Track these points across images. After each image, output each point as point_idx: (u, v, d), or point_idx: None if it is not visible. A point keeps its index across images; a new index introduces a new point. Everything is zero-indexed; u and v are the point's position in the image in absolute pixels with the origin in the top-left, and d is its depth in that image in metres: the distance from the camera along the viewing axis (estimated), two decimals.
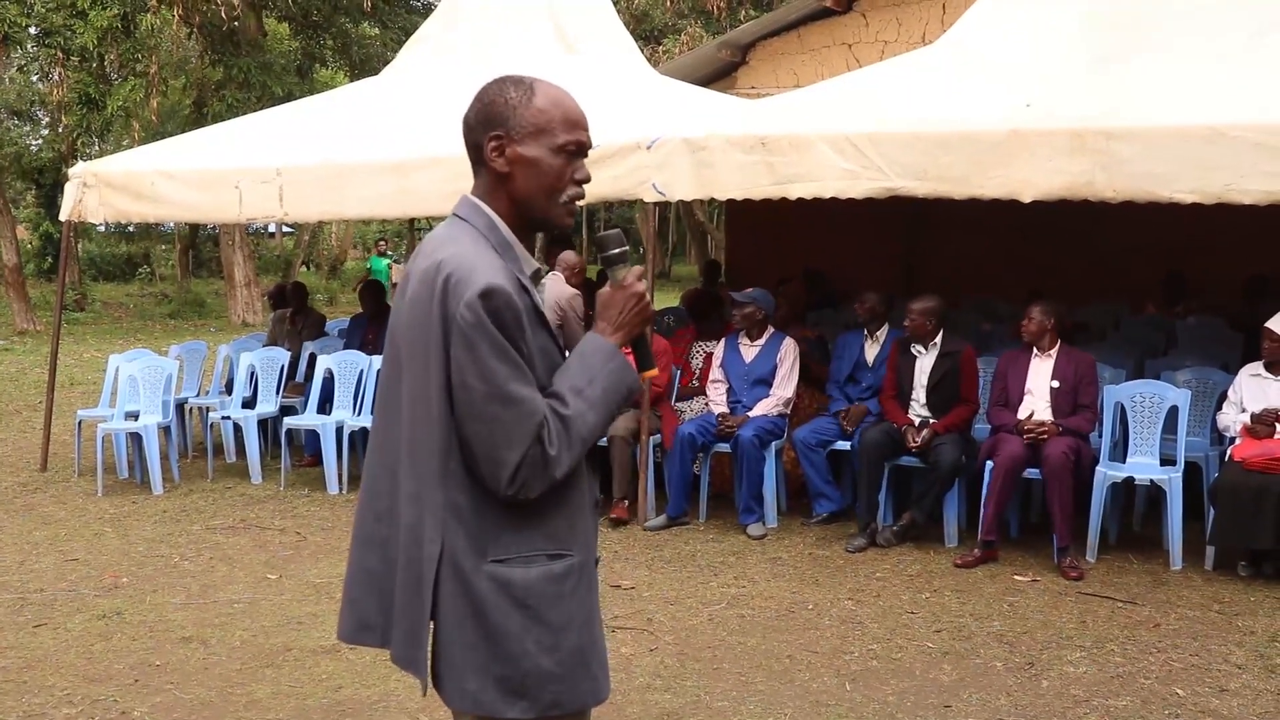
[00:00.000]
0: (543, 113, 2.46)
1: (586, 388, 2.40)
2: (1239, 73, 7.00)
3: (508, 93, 2.47)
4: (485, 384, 2.29)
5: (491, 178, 2.49)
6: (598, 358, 2.45)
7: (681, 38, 26.09)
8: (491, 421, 2.29)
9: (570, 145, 2.48)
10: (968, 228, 10.75)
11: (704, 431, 8.20)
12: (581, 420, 2.37)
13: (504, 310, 2.30)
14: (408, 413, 2.41)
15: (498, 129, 2.45)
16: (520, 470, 2.30)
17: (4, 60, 24.34)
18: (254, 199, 9.11)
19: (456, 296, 2.30)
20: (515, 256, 2.46)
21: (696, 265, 36.60)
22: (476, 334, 2.29)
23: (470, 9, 10.41)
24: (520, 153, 2.45)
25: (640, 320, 2.53)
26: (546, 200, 2.48)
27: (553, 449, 2.32)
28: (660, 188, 7.76)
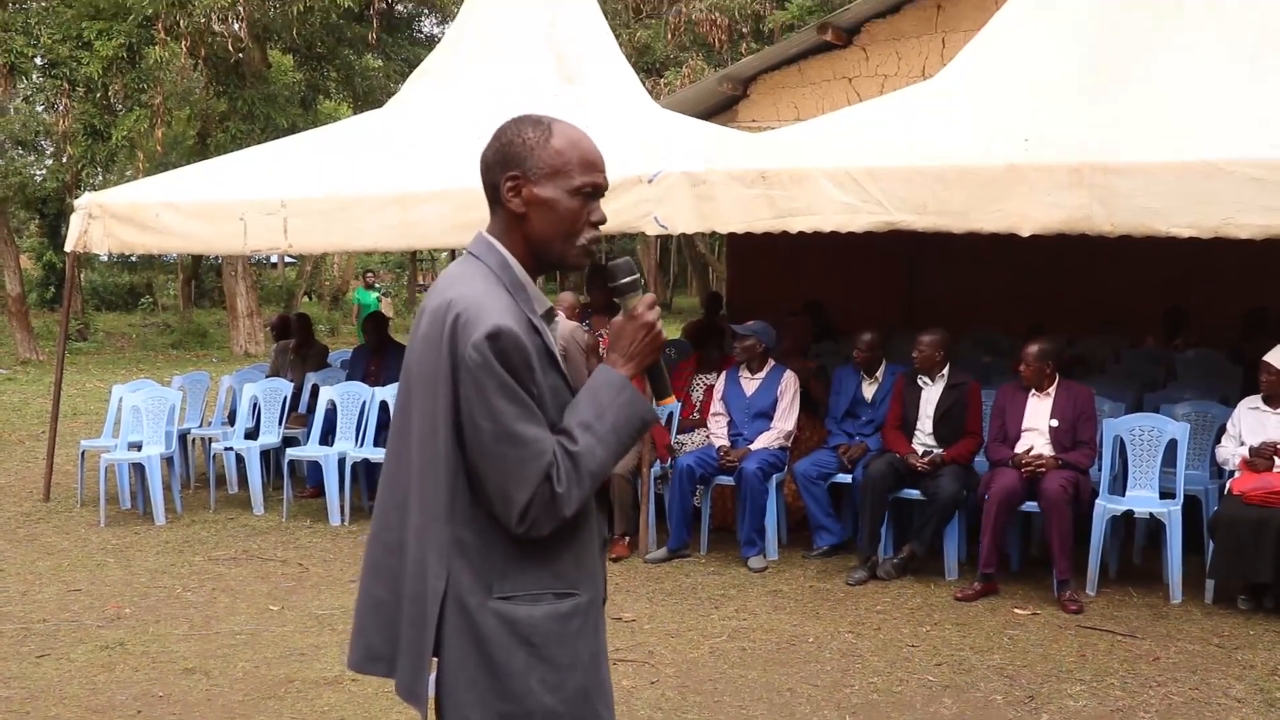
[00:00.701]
0: (560, 154, 2.46)
1: (595, 422, 2.40)
2: (1236, 107, 7.05)
3: (525, 133, 2.47)
4: (493, 424, 2.30)
5: (508, 217, 2.49)
6: (607, 391, 2.45)
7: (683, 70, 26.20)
8: (500, 461, 2.31)
9: (587, 187, 2.48)
10: (967, 262, 10.78)
11: (704, 464, 8.21)
12: (590, 456, 2.38)
13: (512, 351, 2.31)
14: (417, 448, 2.42)
15: (514, 169, 2.46)
16: (530, 509, 2.31)
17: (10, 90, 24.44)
18: (259, 230, 9.15)
19: (465, 337, 2.32)
20: (527, 296, 2.46)
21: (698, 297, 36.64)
22: (484, 374, 2.30)
23: (473, 42, 10.46)
24: (537, 194, 2.45)
25: (652, 350, 2.53)
26: (563, 242, 2.48)
27: (561, 487, 2.33)
28: (662, 221, 7.80)
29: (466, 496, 2.38)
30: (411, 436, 2.45)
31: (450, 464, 2.37)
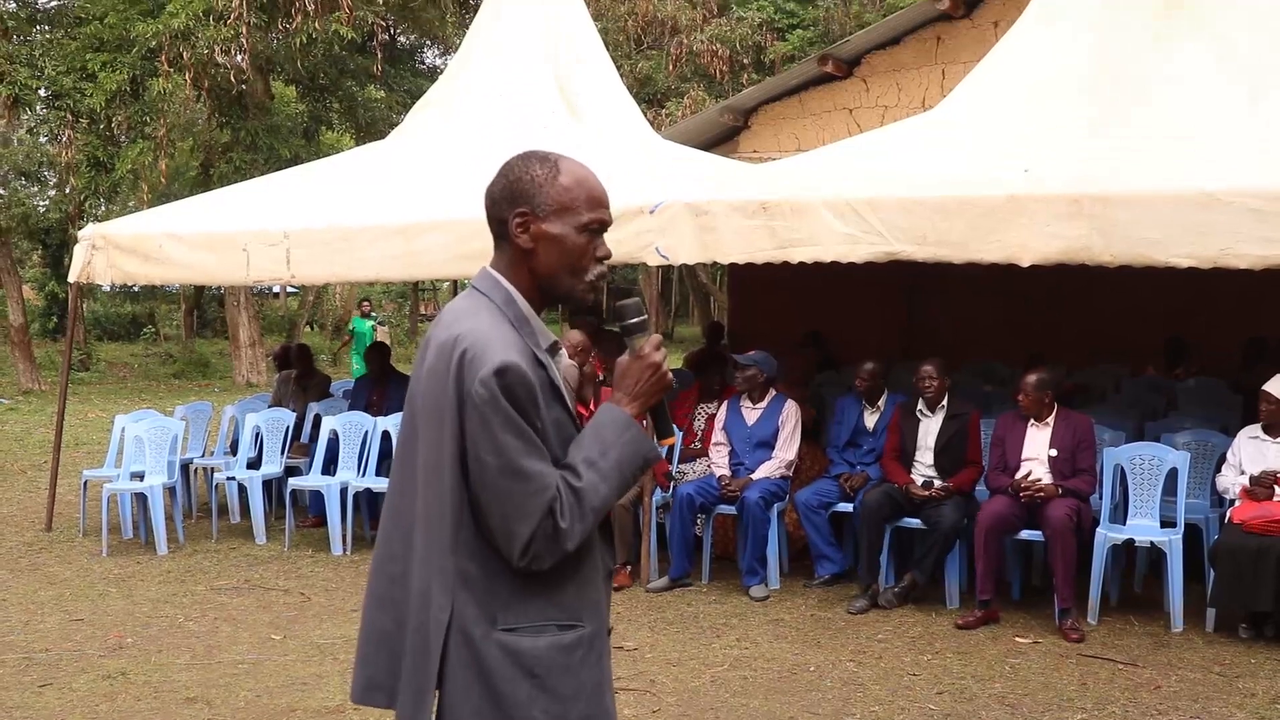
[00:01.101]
0: (568, 191, 2.50)
1: (600, 459, 2.44)
2: (1235, 137, 7.10)
3: (533, 170, 2.51)
4: (498, 459, 2.34)
5: (515, 252, 2.53)
6: (612, 429, 2.49)
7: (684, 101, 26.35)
8: (504, 495, 2.34)
9: (594, 224, 2.52)
10: (967, 291, 10.82)
11: (705, 493, 8.23)
12: (594, 492, 2.41)
13: (517, 387, 2.35)
14: (422, 480, 2.45)
15: (523, 205, 2.49)
16: (532, 543, 2.34)
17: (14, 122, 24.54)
18: (261, 261, 9.18)
19: (472, 373, 2.36)
20: (532, 330, 2.50)
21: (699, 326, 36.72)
22: (490, 410, 2.34)
23: (476, 73, 10.51)
24: (545, 230, 2.49)
25: (657, 390, 2.57)
26: (571, 277, 2.53)
27: (564, 521, 2.36)
28: (663, 251, 7.84)
29: (471, 529, 2.41)
30: (416, 469, 2.48)
31: (455, 497, 2.40)
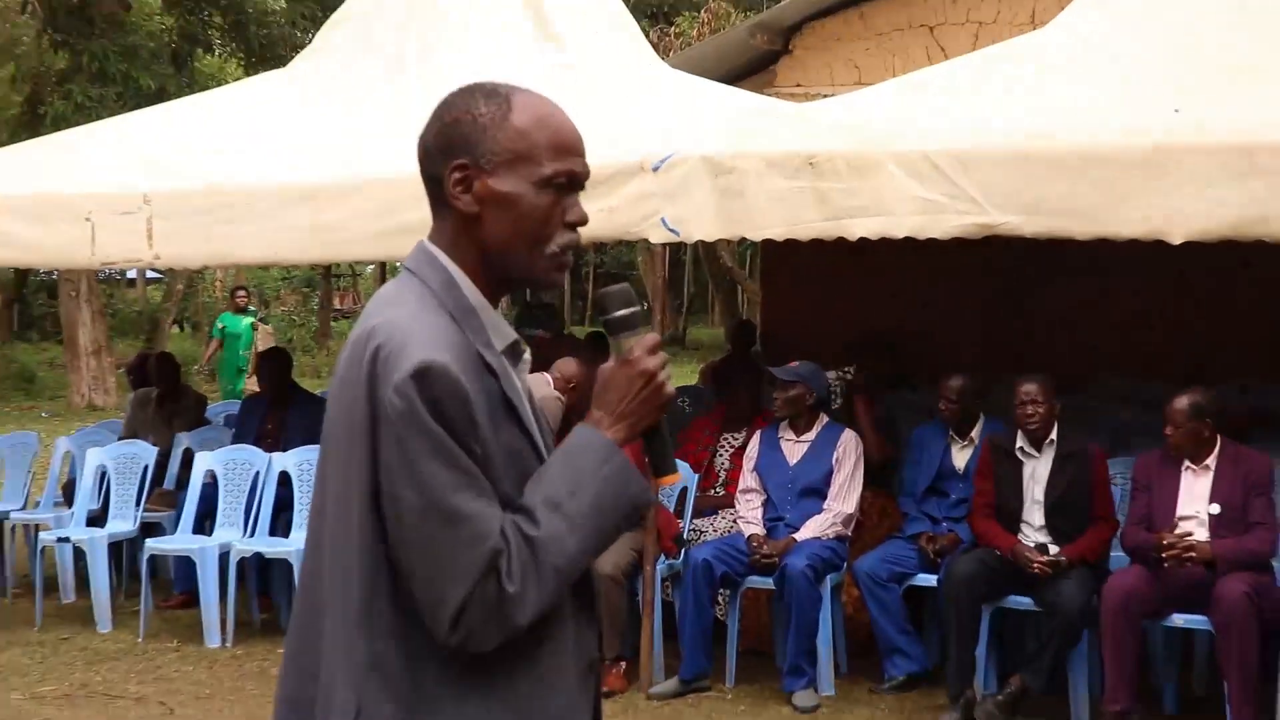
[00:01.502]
0: (523, 134, 2.51)
1: (567, 500, 2.42)
2: None
3: (476, 107, 2.52)
4: (419, 495, 2.33)
5: (456, 220, 2.54)
6: (587, 458, 2.48)
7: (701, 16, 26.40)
8: (428, 545, 2.33)
9: (560, 177, 2.53)
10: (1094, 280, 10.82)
11: (728, 558, 8.20)
12: (557, 545, 2.39)
13: (445, 397, 2.35)
14: (330, 530, 2.46)
15: (462, 156, 2.50)
16: (466, 612, 2.32)
17: None
18: (111, 236, 9.12)
19: (385, 378, 2.36)
20: (479, 324, 2.51)
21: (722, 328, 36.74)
22: (409, 429, 2.33)
23: None
24: (493, 187, 2.50)
25: (653, 408, 2.56)
26: (529, 250, 2.53)
27: (512, 585, 2.34)
28: (672, 224, 7.83)
29: (386, 595, 2.40)
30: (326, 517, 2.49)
31: (366, 551, 2.40)
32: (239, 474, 9.84)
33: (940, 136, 7.39)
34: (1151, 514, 7.52)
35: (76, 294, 25.75)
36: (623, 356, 2.57)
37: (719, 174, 7.73)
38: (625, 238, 8.05)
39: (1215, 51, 7.78)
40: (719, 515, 8.93)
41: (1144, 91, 7.53)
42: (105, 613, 9.77)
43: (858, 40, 14.64)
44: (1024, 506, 7.89)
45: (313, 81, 10.37)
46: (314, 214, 8.69)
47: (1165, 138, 6.92)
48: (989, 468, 8.04)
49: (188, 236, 9.00)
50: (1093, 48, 8.16)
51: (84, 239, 9.20)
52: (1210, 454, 7.49)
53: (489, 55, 9.39)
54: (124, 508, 10.35)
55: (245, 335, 21.58)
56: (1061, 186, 7.04)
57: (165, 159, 9.60)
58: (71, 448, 11.28)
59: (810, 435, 8.49)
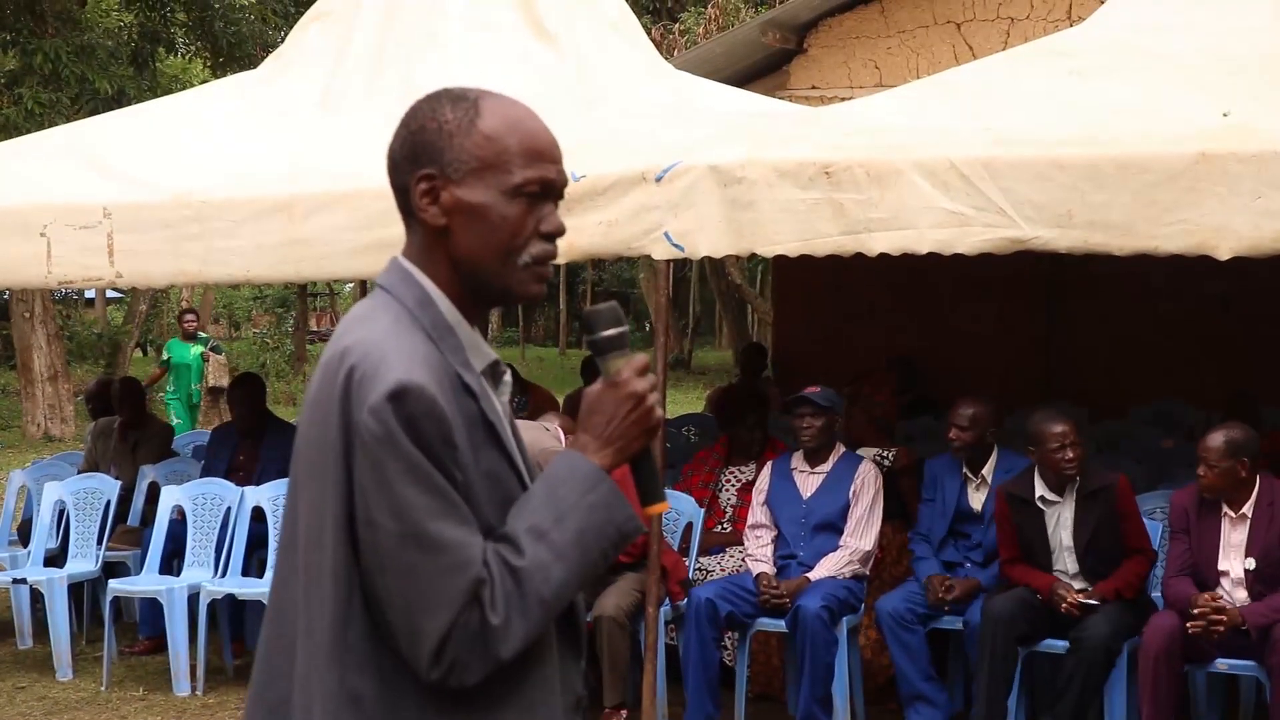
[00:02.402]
0: (491, 140, 2.57)
1: (552, 528, 2.47)
2: None
3: (442, 114, 2.58)
4: (397, 522, 2.38)
5: (426, 234, 2.60)
6: (572, 486, 2.53)
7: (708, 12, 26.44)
8: (407, 575, 2.38)
9: (531, 185, 2.58)
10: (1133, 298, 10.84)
11: (733, 597, 8.20)
12: (542, 576, 2.44)
13: (423, 418, 2.40)
14: (303, 560, 2.50)
15: (428, 165, 2.57)
16: (448, 645, 2.37)
17: None
18: (68, 252, 9.11)
19: (360, 400, 2.41)
20: (457, 343, 2.56)
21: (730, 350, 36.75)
22: (385, 451, 2.38)
23: None
24: (460, 197, 2.56)
25: (641, 433, 2.61)
26: (501, 263, 2.59)
27: (495, 616, 2.39)
28: (676, 238, 7.84)
29: (362, 628, 2.44)
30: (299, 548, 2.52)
31: (340, 581, 2.44)
32: (209, 509, 9.84)
33: (967, 143, 7.40)
34: (1197, 561, 7.48)
35: (30, 315, 25.62)
36: (610, 378, 2.63)
37: (727, 184, 7.73)
38: (625, 254, 8.04)
39: (1264, 51, 7.80)
40: (726, 554, 8.93)
41: (1188, 94, 7.54)
42: (65, 659, 9.75)
43: (878, 38, 14.67)
44: (1053, 554, 7.89)
45: (286, 84, 10.35)
46: (289, 228, 8.67)
47: (1212, 144, 6.90)
48: (1006, 520, 8.01)
49: (152, 252, 8.96)
50: (1133, 47, 8.18)
51: (38, 255, 9.17)
52: (1248, 499, 7.43)
53: (477, 56, 9.42)
54: (85, 546, 10.35)
55: (195, 366, 20.77)
56: (1098, 197, 7.03)
57: (126, 168, 9.56)
58: (27, 481, 11.28)
59: (826, 466, 8.50)
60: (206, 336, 21.57)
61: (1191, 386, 11.50)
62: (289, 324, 43.80)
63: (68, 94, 23.46)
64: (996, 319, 12.51)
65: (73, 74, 23.72)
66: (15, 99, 23.69)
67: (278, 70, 10.73)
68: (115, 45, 26.70)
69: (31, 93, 23.42)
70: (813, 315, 14.04)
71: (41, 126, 16.07)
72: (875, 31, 14.70)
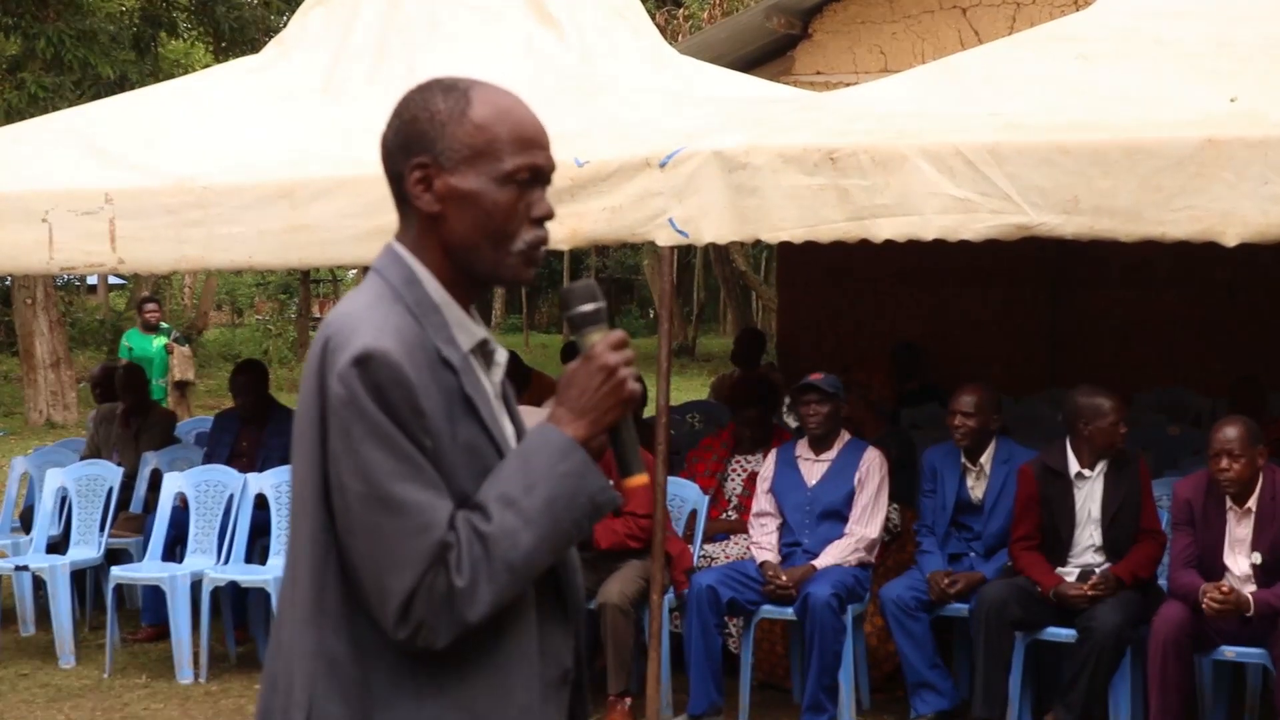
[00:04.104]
0: (482, 129, 2.63)
1: (522, 497, 2.52)
2: None
3: (434, 104, 2.65)
4: (362, 482, 2.45)
5: (420, 220, 2.67)
6: (544, 455, 2.58)
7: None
8: (372, 535, 2.44)
9: (522, 172, 2.65)
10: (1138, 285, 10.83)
11: (735, 584, 8.20)
12: (509, 541, 2.49)
13: (389, 384, 2.46)
14: (291, 529, 2.59)
15: (421, 154, 2.64)
16: (413, 605, 2.43)
17: None
18: (71, 238, 9.11)
19: (331, 367, 2.49)
20: (442, 321, 2.62)
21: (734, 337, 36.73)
22: (351, 415, 2.45)
23: None
24: (453, 185, 2.63)
25: (615, 404, 2.66)
26: (493, 248, 2.65)
27: (460, 579, 2.44)
28: (680, 225, 7.83)
29: (338, 592, 2.51)
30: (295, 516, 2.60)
31: (317, 544, 2.51)
32: (211, 496, 9.85)
33: (973, 128, 7.39)
34: (1203, 552, 7.48)
35: (32, 301, 25.63)
36: (585, 353, 2.68)
37: (731, 170, 7.72)
38: (629, 240, 8.04)
39: (1271, 37, 7.79)
40: (731, 541, 8.92)
41: (1195, 80, 7.53)
42: (68, 646, 9.76)
43: (883, 23, 14.64)
44: (1077, 529, 7.88)
45: (289, 69, 10.34)
46: (291, 214, 8.65)
47: (1218, 130, 6.89)
48: (1032, 498, 7.98)
49: (154, 238, 8.95)
50: (1140, 32, 8.17)
51: (40, 242, 9.17)
52: (1253, 492, 7.41)
53: (479, 43, 9.40)
54: (87, 533, 10.36)
55: (158, 359, 19.42)
56: (1105, 183, 7.02)
57: (128, 153, 9.55)
58: (29, 468, 11.28)
59: (831, 454, 8.49)
60: (169, 327, 20.87)
61: (1196, 374, 11.49)
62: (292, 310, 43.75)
63: (70, 79, 23.46)
64: (1001, 306, 12.50)
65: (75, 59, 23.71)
66: (17, 84, 23.69)
67: (280, 55, 10.72)
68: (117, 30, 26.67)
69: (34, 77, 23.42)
70: (817, 302, 14.03)
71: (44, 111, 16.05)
72: (880, 16, 14.67)
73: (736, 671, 8.40)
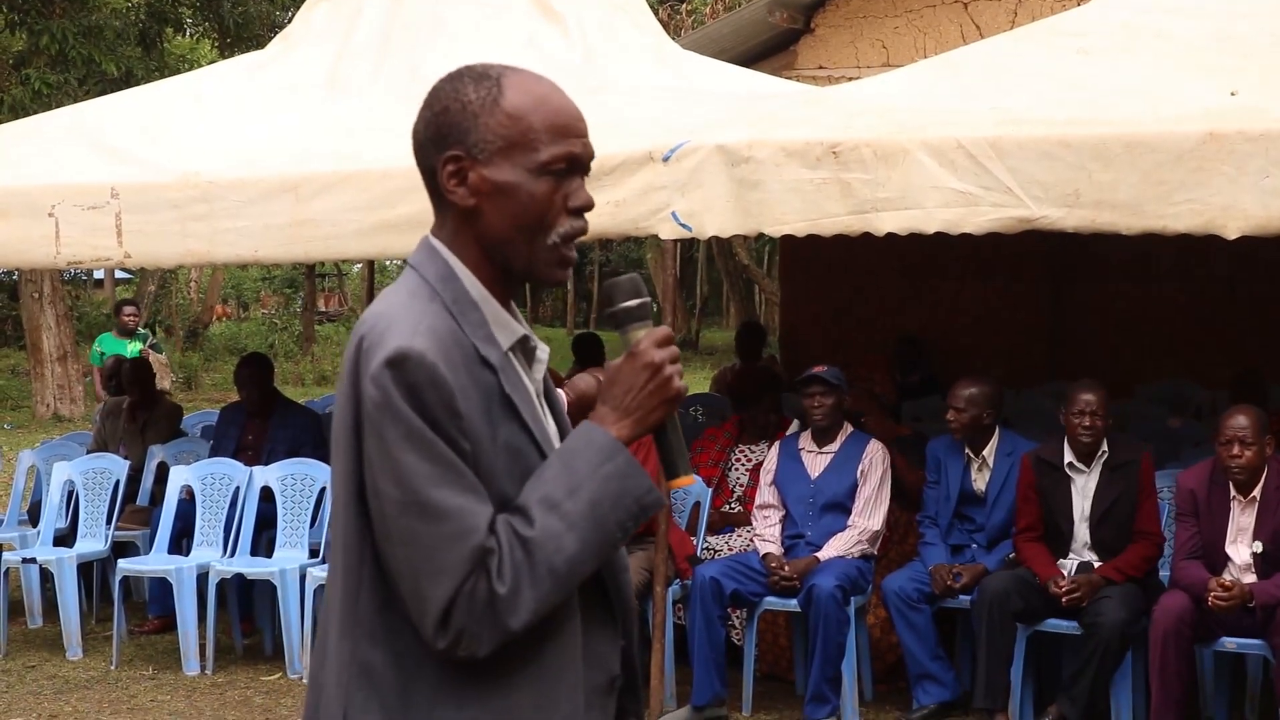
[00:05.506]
0: (517, 118, 2.54)
1: (566, 499, 2.45)
2: None
3: (465, 93, 2.56)
4: (398, 488, 2.38)
5: (454, 214, 2.59)
6: (587, 457, 2.50)
7: None
8: (410, 542, 2.38)
9: (559, 161, 2.56)
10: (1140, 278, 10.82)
11: (739, 575, 8.19)
12: (554, 545, 2.42)
13: (424, 385, 2.39)
14: (330, 536, 2.51)
15: (454, 147, 2.54)
16: (453, 612, 2.36)
17: None
18: (78, 233, 9.11)
19: (366, 368, 2.42)
20: (480, 319, 2.54)
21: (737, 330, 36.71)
22: (384, 418, 2.39)
23: None
24: (488, 177, 2.54)
25: (660, 403, 2.59)
26: (529, 242, 2.57)
27: (503, 585, 2.37)
28: (683, 218, 7.83)
29: (373, 600, 2.45)
30: None
31: (352, 550, 2.45)
32: (218, 489, 9.85)
33: (974, 122, 7.39)
34: (1204, 538, 7.47)
35: (39, 296, 25.59)
36: (630, 349, 2.61)
37: (734, 164, 7.72)
38: (633, 233, 8.03)
39: (1272, 31, 7.78)
40: (734, 533, 8.92)
41: (1196, 74, 7.52)
42: (75, 638, 9.75)
43: (885, 18, 14.63)
44: (1074, 523, 7.88)
45: (293, 64, 10.32)
46: (295, 208, 8.65)
47: (1219, 124, 6.89)
48: (1031, 487, 8.00)
49: (159, 233, 8.95)
50: (1141, 26, 8.16)
51: (47, 236, 9.17)
52: (1258, 482, 7.41)
53: (483, 38, 9.39)
54: (94, 526, 10.36)
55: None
56: (1106, 177, 7.02)
57: (134, 149, 9.55)
58: (36, 461, 11.28)
59: (834, 446, 8.48)
60: (145, 333, 19.87)
61: (1198, 367, 11.48)
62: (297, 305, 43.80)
63: (75, 75, 23.40)
64: (1003, 299, 12.49)
65: (80, 55, 23.64)
66: (23, 80, 23.63)
67: (284, 51, 10.71)
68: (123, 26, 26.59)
69: (39, 74, 23.37)
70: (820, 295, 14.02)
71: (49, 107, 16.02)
72: (882, 11, 14.66)
73: (739, 663, 8.40)
